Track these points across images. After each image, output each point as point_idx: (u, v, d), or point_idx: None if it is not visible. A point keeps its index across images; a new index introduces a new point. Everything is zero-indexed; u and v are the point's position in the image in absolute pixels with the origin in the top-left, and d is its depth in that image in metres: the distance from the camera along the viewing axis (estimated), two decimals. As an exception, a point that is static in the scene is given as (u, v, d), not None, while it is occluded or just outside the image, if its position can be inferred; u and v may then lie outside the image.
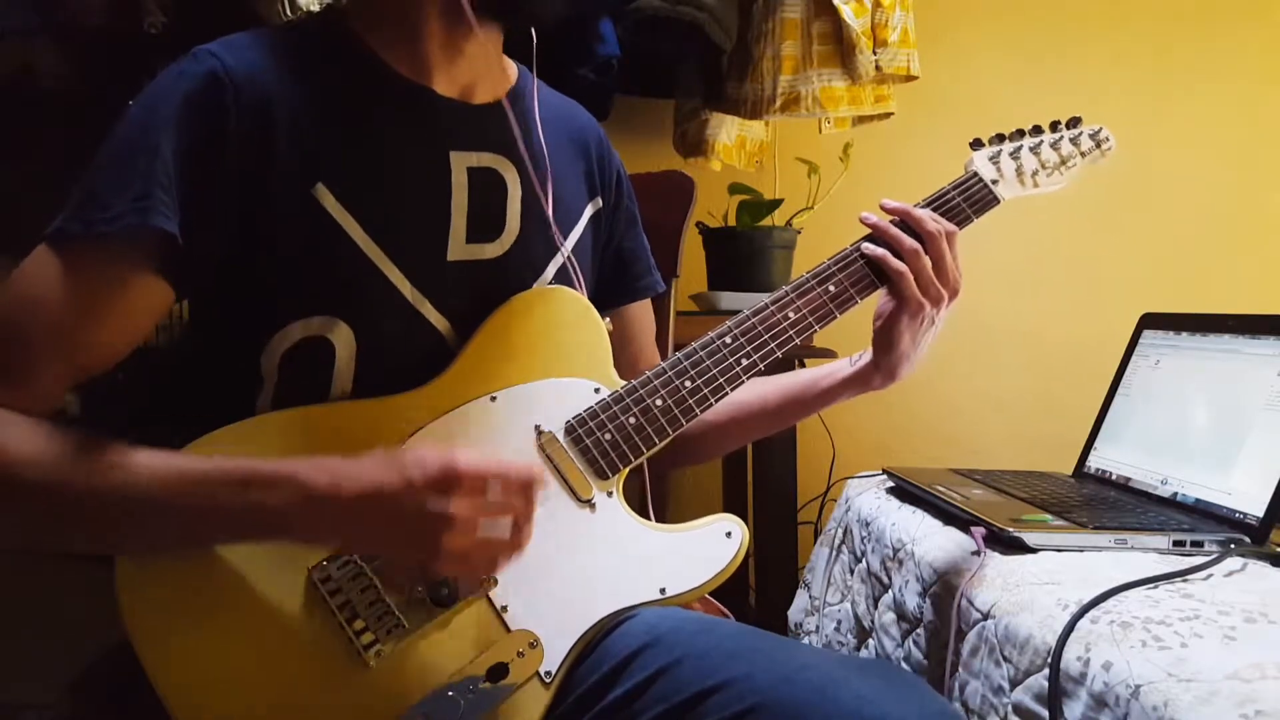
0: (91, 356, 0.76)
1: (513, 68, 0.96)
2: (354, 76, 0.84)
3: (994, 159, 1.03)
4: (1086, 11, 2.15)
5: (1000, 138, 1.05)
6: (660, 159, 1.85)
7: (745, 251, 1.72)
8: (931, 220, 0.92)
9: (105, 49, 1.35)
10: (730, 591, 0.84)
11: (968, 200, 0.99)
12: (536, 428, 0.83)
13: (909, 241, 0.92)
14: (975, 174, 1.01)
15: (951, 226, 0.94)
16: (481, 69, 0.89)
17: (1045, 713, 0.78)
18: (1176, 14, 2.16)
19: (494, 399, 0.84)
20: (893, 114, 1.74)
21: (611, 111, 1.76)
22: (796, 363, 1.73)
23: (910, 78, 1.62)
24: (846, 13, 1.56)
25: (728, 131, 1.86)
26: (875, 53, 1.57)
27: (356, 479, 0.70)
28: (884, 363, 0.97)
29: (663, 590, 0.80)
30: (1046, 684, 0.78)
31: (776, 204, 1.75)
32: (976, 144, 1.04)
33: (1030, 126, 1.06)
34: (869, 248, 0.93)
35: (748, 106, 1.65)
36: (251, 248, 0.79)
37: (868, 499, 1.35)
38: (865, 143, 1.82)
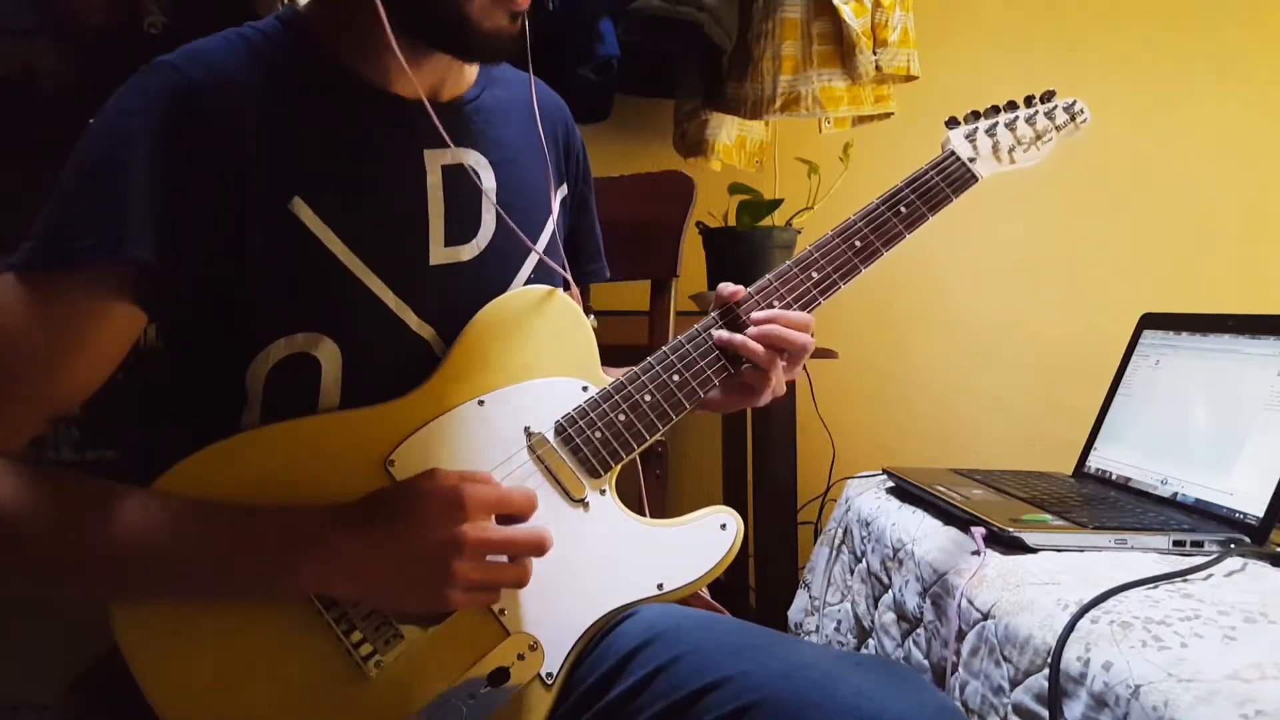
0: (66, 391, 0.74)
1: None
2: (321, 83, 0.82)
3: (970, 137, 1.02)
4: (1087, 12, 2.15)
5: (976, 115, 1.04)
6: (660, 159, 1.84)
7: (745, 251, 1.72)
8: (797, 336, 0.88)
9: (105, 49, 1.35)
10: (730, 591, 0.84)
11: (946, 180, 0.98)
12: (526, 429, 0.83)
13: (766, 356, 0.88)
14: (952, 153, 1.00)
15: (806, 339, 0.89)
16: (445, 67, 0.86)
17: (1045, 713, 0.78)
18: (1177, 15, 2.16)
19: (481, 403, 0.83)
20: (893, 114, 1.74)
21: (611, 111, 1.77)
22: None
23: (910, 78, 1.62)
24: (846, 13, 1.56)
25: (728, 131, 1.86)
26: (875, 53, 1.57)
27: (361, 517, 0.71)
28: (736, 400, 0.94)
29: (660, 585, 0.80)
30: (1046, 684, 0.78)
31: (776, 204, 1.75)
32: (952, 122, 1.03)
33: (1005, 102, 1.05)
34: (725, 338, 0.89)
35: (748, 106, 1.65)
36: (229, 267, 0.77)
37: (868, 499, 1.35)
38: (865, 143, 1.82)
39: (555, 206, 0.96)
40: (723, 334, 0.89)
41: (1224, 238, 2.17)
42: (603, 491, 0.83)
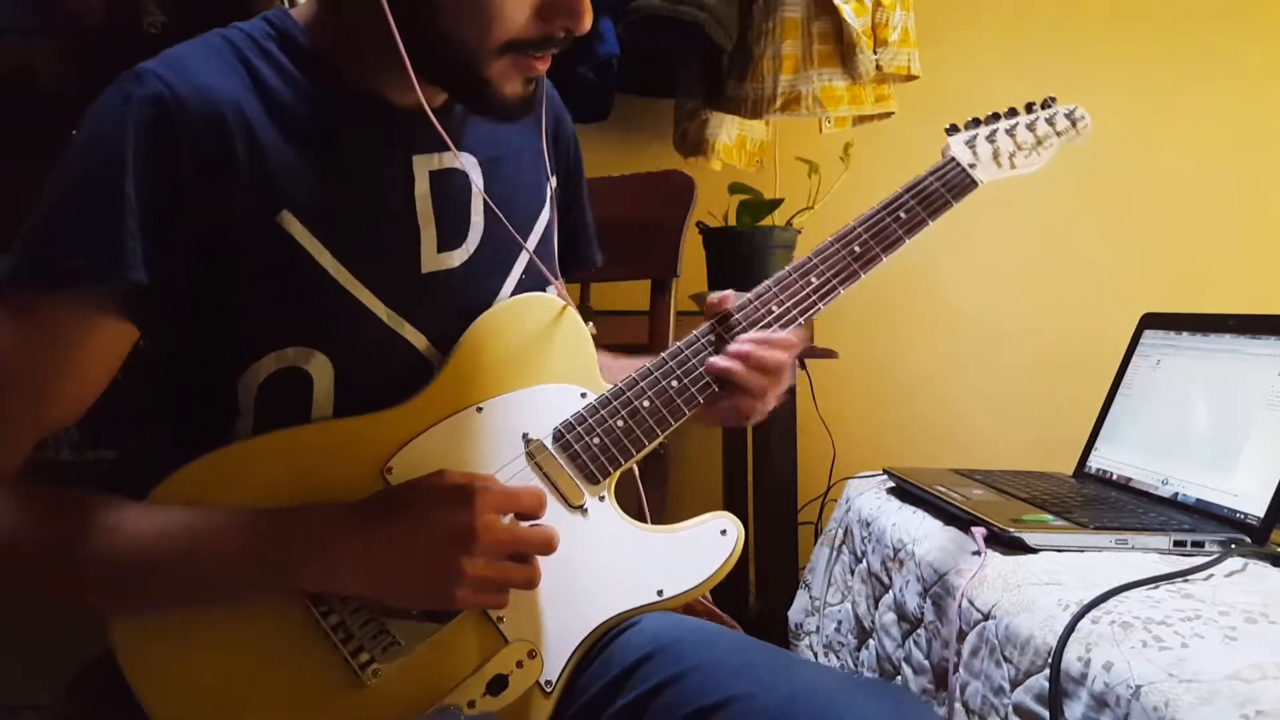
0: (60, 409, 0.74)
1: None
2: (308, 88, 0.79)
3: (970, 143, 1.02)
4: (1087, 11, 2.15)
5: (976, 122, 1.04)
6: (660, 159, 1.84)
7: (745, 251, 1.72)
8: (773, 358, 0.87)
9: (105, 49, 1.35)
10: (730, 591, 0.84)
11: (945, 185, 0.98)
12: (524, 436, 0.82)
13: (759, 381, 0.87)
14: (953, 159, 1.01)
15: (787, 355, 0.88)
16: None
17: (1046, 713, 0.78)
18: (1176, 14, 2.16)
19: (480, 410, 0.82)
20: (893, 113, 1.74)
21: (611, 111, 1.77)
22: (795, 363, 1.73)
23: (911, 77, 1.62)
24: (847, 12, 1.56)
25: (728, 131, 1.86)
26: (876, 52, 1.57)
27: (366, 513, 0.71)
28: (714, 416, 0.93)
29: (660, 592, 0.79)
30: (1047, 684, 0.78)
31: (777, 204, 1.75)
32: (953, 129, 1.04)
33: (1006, 109, 1.06)
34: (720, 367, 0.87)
35: (748, 106, 1.65)
36: (218, 282, 0.75)
37: (868, 499, 1.34)
38: (865, 142, 1.82)
39: (547, 201, 0.95)
40: (717, 361, 0.87)
41: (1224, 238, 2.17)
42: (602, 498, 0.82)
